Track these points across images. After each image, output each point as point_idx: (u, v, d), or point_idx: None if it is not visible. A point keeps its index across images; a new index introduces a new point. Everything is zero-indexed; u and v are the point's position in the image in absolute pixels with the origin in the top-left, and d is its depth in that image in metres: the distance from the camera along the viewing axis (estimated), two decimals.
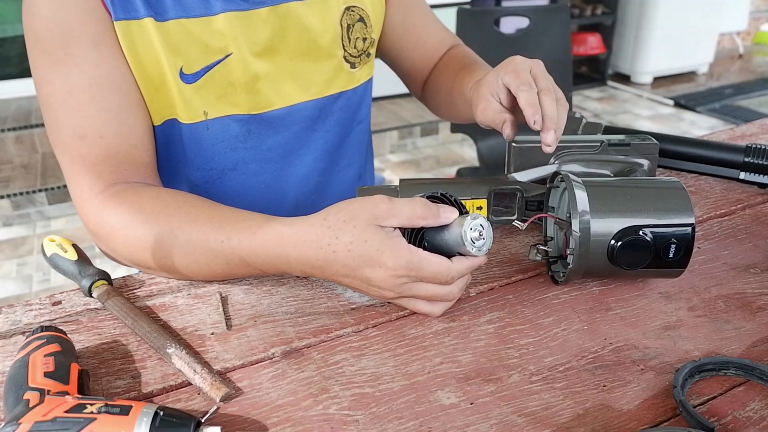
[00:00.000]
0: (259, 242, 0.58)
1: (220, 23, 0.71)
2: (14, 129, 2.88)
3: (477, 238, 0.55)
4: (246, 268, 0.61)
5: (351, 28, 0.83)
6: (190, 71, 0.72)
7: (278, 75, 0.78)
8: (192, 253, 0.62)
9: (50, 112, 0.68)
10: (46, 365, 0.48)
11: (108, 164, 0.67)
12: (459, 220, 0.56)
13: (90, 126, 0.67)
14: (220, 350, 0.56)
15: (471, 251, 0.55)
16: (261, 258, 0.59)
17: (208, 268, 0.62)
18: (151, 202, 0.64)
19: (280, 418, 0.49)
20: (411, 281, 0.56)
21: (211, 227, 0.61)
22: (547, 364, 0.54)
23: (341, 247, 0.55)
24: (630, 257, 0.59)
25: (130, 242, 0.64)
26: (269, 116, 0.79)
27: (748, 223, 0.77)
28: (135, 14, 0.68)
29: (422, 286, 0.56)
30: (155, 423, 0.44)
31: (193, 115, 0.74)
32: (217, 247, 0.60)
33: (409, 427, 0.48)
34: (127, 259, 0.66)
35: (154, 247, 0.62)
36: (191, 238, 0.61)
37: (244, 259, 0.60)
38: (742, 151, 0.84)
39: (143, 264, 0.65)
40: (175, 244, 0.62)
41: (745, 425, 0.48)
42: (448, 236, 0.56)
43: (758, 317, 0.60)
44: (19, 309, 0.63)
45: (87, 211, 0.67)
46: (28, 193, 2.71)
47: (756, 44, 5.34)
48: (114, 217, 0.64)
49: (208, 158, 0.78)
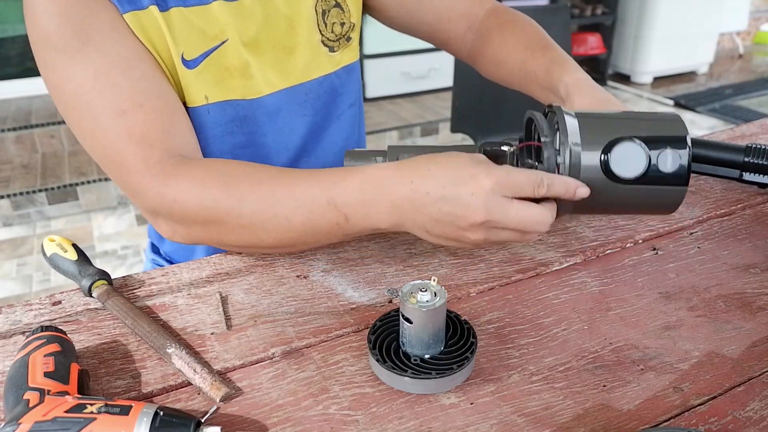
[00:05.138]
0: (354, 181, 0.58)
1: (215, 10, 0.74)
2: (14, 129, 2.88)
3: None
4: (330, 215, 0.59)
5: (326, 14, 0.84)
6: (191, 57, 0.73)
7: (263, 63, 0.80)
8: (274, 205, 0.60)
9: (79, 108, 0.65)
10: (46, 365, 0.48)
11: (156, 131, 0.65)
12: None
13: (127, 99, 0.65)
14: (220, 350, 0.56)
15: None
16: (352, 197, 0.58)
17: (287, 223, 0.60)
18: (221, 163, 0.64)
19: (280, 418, 0.49)
20: (503, 200, 0.54)
21: (295, 175, 0.61)
22: (547, 364, 0.54)
23: (435, 169, 0.56)
24: (623, 165, 0.56)
25: (205, 205, 0.62)
26: (260, 102, 0.81)
27: (748, 223, 0.77)
28: (140, 4, 0.69)
29: (514, 206, 0.55)
30: (155, 423, 0.44)
31: (195, 99, 0.75)
32: (304, 192, 0.59)
33: (409, 427, 0.48)
34: (205, 225, 0.63)
35: (231, 207, 0.61)
36: (275, 190, 0.61)
37: (333, 201, 0.58)
38: (742, 151, 0.84)
39: (224, 231, 0.63)
40: (256, 199, 0.61)
41: (745, 425, 0.48)
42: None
43: (758, 317, 0.60)
44: (19, 309, 0.63)
45: (146, 185, 0.64)
46: (28, 193, 2.70)
47: (756, 44, 5.34)
48: (184, 183, 0.63)
49: (209, 141, 0.79)
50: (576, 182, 0.56)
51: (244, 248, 0.68)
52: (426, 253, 0.71)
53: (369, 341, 0.54)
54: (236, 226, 0.62)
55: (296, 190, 0.60)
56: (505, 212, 0.54)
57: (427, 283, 0.53)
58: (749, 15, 4.96)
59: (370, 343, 0.54)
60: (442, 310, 0.52)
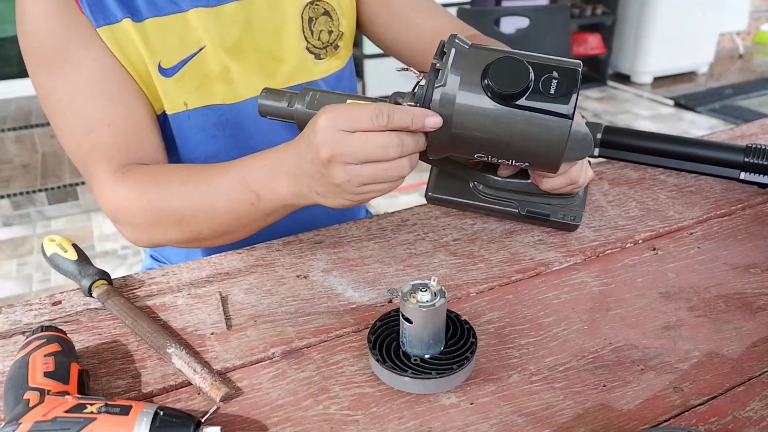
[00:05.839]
0: (259, 159, 0.63)
1: (192, 18, 0.75)
2: (14, 129, 2.87)
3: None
4: (244, 196, 0.63)
5: (313, 21, 0.85)
6: (168, 65, 0.75)
7: (246, 68, 0.81)
8: (199, 197, 0.66)
9: (59, 119, 0.71)
10: (46, 365, 0.48)
11: (118, 149, 0.71)
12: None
13: (97, 118, 0.70)
14: (220, 350, 0.56)
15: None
16: (259, 173, 0.62)
17: (212, 211, 0.65)
18: (159, 169, 0.70)
19: (280, 418, 0.49)
20: (343, 133, 0.54)
21: (217, 168, 0.66)
22: (547, 364, 0.54)
23: (307, 130, 0.58)
24: (505, 81, 0.54)
25: (144, 208, 0.68)
26: (242, 106, 0.82)
27: (748, 223, 0.77)
28: (113, 18, 0.71)
29: (354, 136, 0.54)
30: (155, 423, 0.44)
31: (174, 106, 0.77)
32: (221, 180, 0.64)
33: (409, 427, 0.48)
34: (150, 226, 0.69)
35: (164, 206, 0.67)
36: (198, 184, 0.66)
37: (244, 180, 0.63)
38: (742, 151, 0.84)
39: (166, 228, 0.68)
40: (183, 195, 0.66)
41: (745, 425, 0.48)
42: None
43: (758, 317, 0.60)
44: (19, 309, 0.63)
45: (104, 194, 0.70)
46: (28, 193, 2.70)
47: (756, 44, 5.34)
48: (128, 189, 0.68)
49: (192, 147, 0.81)
50: (423, 111, 0.56)
51: (189, 243, 0.71)
52: (426, 253, 0.71)
53: (369, 341, 0.54)
54: (173, 222, 0.68)
55: (215, 180, 0.65)
56: (345, 144, 0.54)
57: (427, 283, 0.53)
58: (749, 15, 4.96)
59: (370, 343, 0.54)
60: (442, 310, 0.52)
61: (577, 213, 0.72)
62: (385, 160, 0.55)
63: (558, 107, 0.55)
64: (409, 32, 0.93)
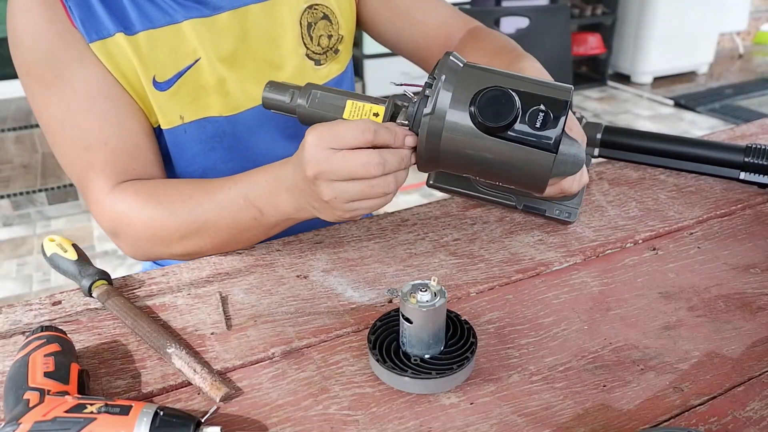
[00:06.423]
0: (261, 175, 0.64)
1: (186, 30, 0.74)
2: (14, 129, 2.87)
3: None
4: (247, 212, 0.65)
5: (312, 26, 0.84)
6: (163, 79, 0.74)
7: (244, 77, 0.80)
8: (202, 213, 0.66)
9: (54, 134, 0.72)
10: (46, 365, 0.48)
11: (115, 166, 0.71)
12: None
13: (92, 136, 0.70)
14: (220, 350, 0.56)
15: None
16: (262, 190, 0.63)
17: (215, 227, 0.67)
18: (159, 185, 0.70)
19: (280, 418, 0.49)
20: (328, 151, 0.55)
21: (218, 183, 0.67)
22: (547, 364, 0.54)
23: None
24: (491, 113, 0.54)
25: (146, 224, 0.68)
26: (241, 117, 0.81)
27: (748, 223, 0.77)
28: (106, 32, 0.70)
29: (338, 154, 0.55)
30: (155, 423, 0.44)
31: (170, 120, 0.76)
32: (224, 196, 0.65)
33: (409, 427, 0.48)
34: (150, 241, 0.69)
35: (167, 223, 0.67)
36: (201, 201, 0.67)
37: (248, 197, 0.64)
38: (742, 151, 0.84)
39: (168, 244, 0.69)
40: (187, 211, 0.67)
41: (745, 425, 0.48)
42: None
43: (758, 317, 0.60)
44: (19, 309, 0.63)
45: (101, 211, 0.71)
46: (28, 193, 2.70)
47: (756, 44, 5.34)
48: (127, 204, 0.69)
49: (189, 160, 0.80)
50: (403, 130, 0.57)
51: (189, 257, 0.72)
52: (426, 253, 0.71)
53: (369, 341, 0.54)
54: (177, 239, 0.68)
55: (218, 196, 0.66)
56: (329, 162, 0.55)
57: (427, 283, 0.53)
58: (749, 15, 4.96)
59: (370, 343, 0.54)
60: (442, 310, 0.52)
61: (572, 210, 0.74)
62: (369, 178, 0.56)
63: (542, 141, 0.54)
64: (412, 28, 0.93)
